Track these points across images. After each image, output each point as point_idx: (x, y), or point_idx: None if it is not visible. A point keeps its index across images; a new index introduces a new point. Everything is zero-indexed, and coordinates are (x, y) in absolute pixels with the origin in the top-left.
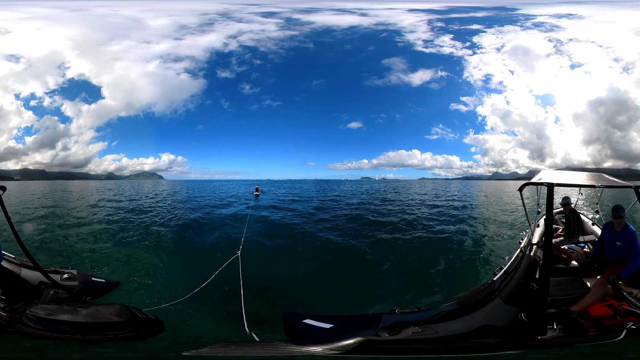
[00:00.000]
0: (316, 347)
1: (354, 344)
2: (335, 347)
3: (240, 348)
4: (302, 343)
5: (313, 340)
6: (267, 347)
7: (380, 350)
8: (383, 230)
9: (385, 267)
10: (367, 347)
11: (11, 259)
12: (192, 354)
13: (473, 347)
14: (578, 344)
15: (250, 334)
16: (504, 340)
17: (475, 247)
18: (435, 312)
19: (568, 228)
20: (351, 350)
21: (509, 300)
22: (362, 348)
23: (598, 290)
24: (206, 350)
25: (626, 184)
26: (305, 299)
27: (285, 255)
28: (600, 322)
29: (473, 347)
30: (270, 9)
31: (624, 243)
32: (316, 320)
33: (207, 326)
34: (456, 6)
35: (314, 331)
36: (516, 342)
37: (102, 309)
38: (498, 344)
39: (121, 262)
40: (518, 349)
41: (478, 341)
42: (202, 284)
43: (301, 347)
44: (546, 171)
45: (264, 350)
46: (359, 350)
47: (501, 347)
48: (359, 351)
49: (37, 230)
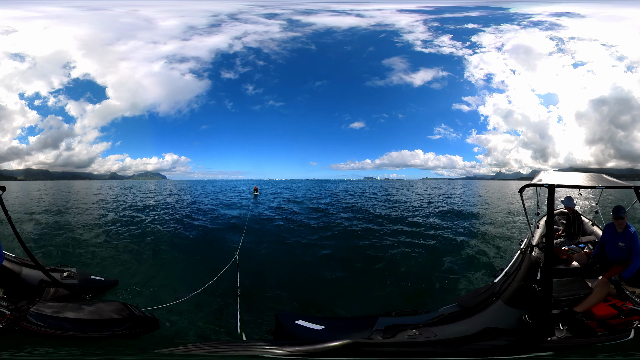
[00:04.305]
0: (291, 348)
1: (337, 346)
2: (317, 348)
3: (216, 347)
4: (279, 344)
5: (293, 342)
6: (246, 347)
7: (369, 353)
8: (383, 230)
9: (383, 269)
10: (353, 350)
11: (12, 258)
12: (167, 351)
13: (478, 350)
14: (592, 345)
15: (241, 334)
16: (513, 342)
17: (476, 249)
18: (435, 314)
19: (568, 229)
20: (333, 352)
21: (511, 302)
22: (347, 350)
23: (601, 290)
24: (180, 349)
25: (626, 185)
26: (302, 300)
27: (284, 255)
28: (606, 322)
29: (478, 350)
30: (274, 10)
31: (626, 244)
32: (308, 322)
33: (200, 325)
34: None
35: (303, 332)
36: (526, 344)
37: (102, 306)
38: (507, 347)
39: (120, 261)
40: (530, 352)
41: (483, 344)
42: (201, 283)
43: (277, 348)
44: (546, 172)
45: (241, 350)
46: (343, 352)
47: (511, 349)
48: (343, 353)
49: (38, 229)
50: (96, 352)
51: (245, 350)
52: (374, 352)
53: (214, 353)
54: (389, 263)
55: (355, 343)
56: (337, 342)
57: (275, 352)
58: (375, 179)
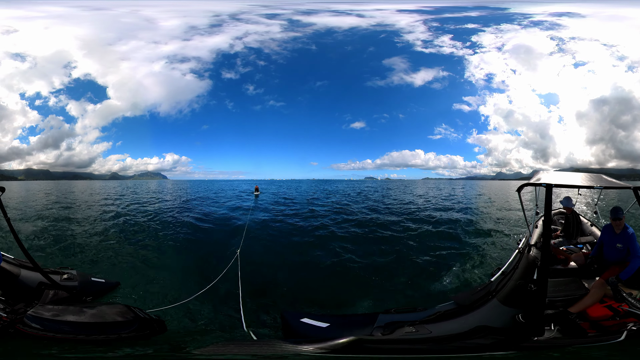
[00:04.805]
0: (308, 346)
1: (343, 343)
2: (326, 346)
3: (240, 347)
4: (295, 342)
5: (306, 339)
6: (263, 346)
7: (371, 349)
8: (382, 230)
9: (383, 267)
10: (357, 347)
11: (10, 260)
12: (201, 352)
13: (467, 347)
14: (576, 345)
15: (249, 333)
16: (500, 341)
17: (474, 247)
18: (431, 312)
19: (567, 229)
20: (340, 350)
21: (506, 301)
22: (352, 347)
23: (597, 291)
24: (210, 350)
25: (625, 185)
26: (304, 298)
27: (285, 254)
28: (600, 323)
29: (467, 347)
30: (275, 10)
31: (624, 245)
32: (313, 320)
33: (205, 326)
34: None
35: (310, 330)
36: (511, 343)
37: (104, 308)
38: (493, 345)
39: (121, 263)
40: (513, 350)
41: (472, 342)
42: (202, 283)
43: (293, 346)
44: (545, 172)
45: (259, 349)
46: (349, 349)
47: (496, 347)
48: (349, 350)
49: (37, 230)
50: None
51: (266, 350)
52: (375, 348)
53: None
54: (389, 263)
55: (359, 340)
56: (342, 339)
57: (295, 350)
58: (375, 179)
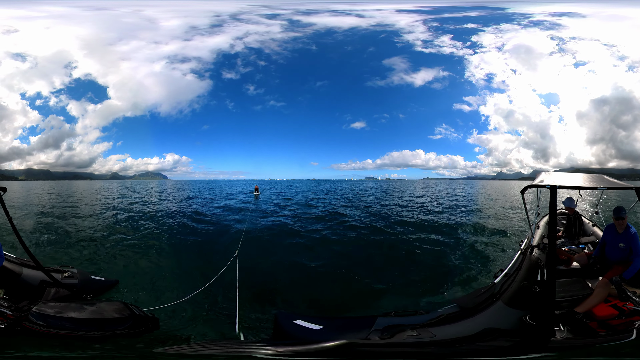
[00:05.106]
0: (292, 347)
1: (332, 346)
2: (311, 349)
3: (212, 346)
4: (281, 344)
5: (294, 342)
6: (240, 347)
7: (365, 353)
8: (382, 231)
9: (382, 268)
10: (348, 350)
11: (12, 258)
12: (165, 351)
13: (478, 350)
14: (597, 345)
15: (239, 334)
16: (515, 343)
17: (474, 248)
18: (434, 315)
19: (569, 230)
20: (328, 353)
21: (512, 302)
22: (342, 351)
23: (602, 291)
24: (177, 349)
25: (627, 186)
26: (302, 300)
27: (284, 255)
28: (607, 322)
29: (478, 350)
30: (275, 10)
31: (627, 244)
32: (307, 322)
33: (200, 325)
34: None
35: (302, 332)
36: (528, 345)
37: (103, 306)
38: (509, 347)
39: (121, 261)
40: (533, 352)
41: (483, 344)
42: (200, 282)
43: (272, 348)
44: (547, 173)
45: (234, 350)
46: (338, 353)
47: (513, 350)
48: (338, 354)
49: (38, 229)
50: (94, 353)
51: (239, 350)
52: (370, 352)
53: (209, 352)
54: (389, 265)
55: (351, 343)
56: (331, 342)
57: (269, 352)
58: (376, 179)
